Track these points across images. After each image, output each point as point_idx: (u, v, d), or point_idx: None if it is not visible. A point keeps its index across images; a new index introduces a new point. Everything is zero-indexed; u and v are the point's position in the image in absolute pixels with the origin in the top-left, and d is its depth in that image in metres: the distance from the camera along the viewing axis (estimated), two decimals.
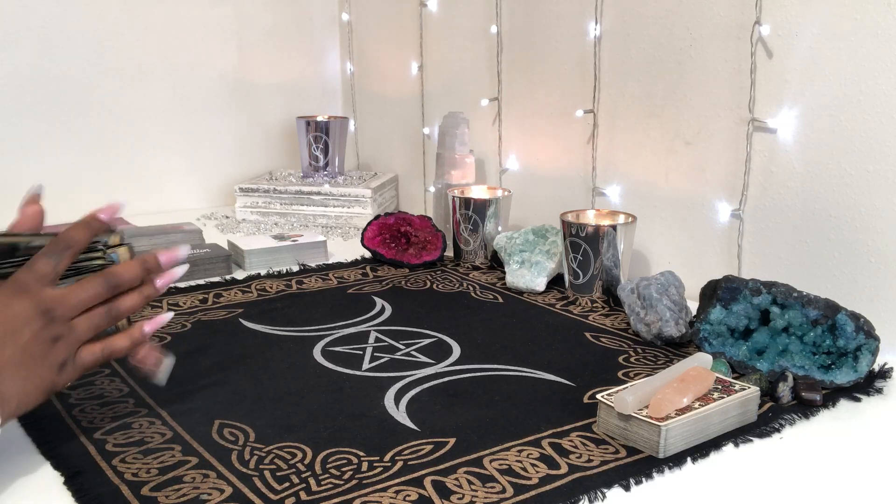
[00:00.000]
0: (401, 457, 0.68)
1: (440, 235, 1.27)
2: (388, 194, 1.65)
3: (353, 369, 0.87)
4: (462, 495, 0.63)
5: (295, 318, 1.03)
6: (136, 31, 1.58)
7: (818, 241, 0.97)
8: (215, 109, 1.70)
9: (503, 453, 0.69)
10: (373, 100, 1.76)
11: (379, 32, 1.71)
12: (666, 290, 0.95)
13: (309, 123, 1.64)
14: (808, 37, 0.95)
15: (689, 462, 0.68)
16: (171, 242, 1.30)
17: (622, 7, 1.17)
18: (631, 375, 0.86)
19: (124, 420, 0.75)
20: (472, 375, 0.86)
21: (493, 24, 1.38)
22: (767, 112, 1.00)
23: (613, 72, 1.20)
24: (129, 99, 1.58)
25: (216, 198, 1.73)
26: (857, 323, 0.81)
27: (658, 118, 1.15)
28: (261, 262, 1.25)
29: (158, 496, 0.62)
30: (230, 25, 1.69)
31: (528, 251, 1.16)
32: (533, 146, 1.36)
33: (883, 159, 0.90)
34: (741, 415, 0.74)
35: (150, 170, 1.63)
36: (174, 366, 0.88)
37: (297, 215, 1.55)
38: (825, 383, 0.81)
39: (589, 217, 1.14)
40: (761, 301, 0.85)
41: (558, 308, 1.07)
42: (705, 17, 1.06)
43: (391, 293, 1.14)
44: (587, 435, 0.72)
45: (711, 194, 1.09)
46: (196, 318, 1.03)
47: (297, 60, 1.79)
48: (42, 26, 1.49)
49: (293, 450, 0.70)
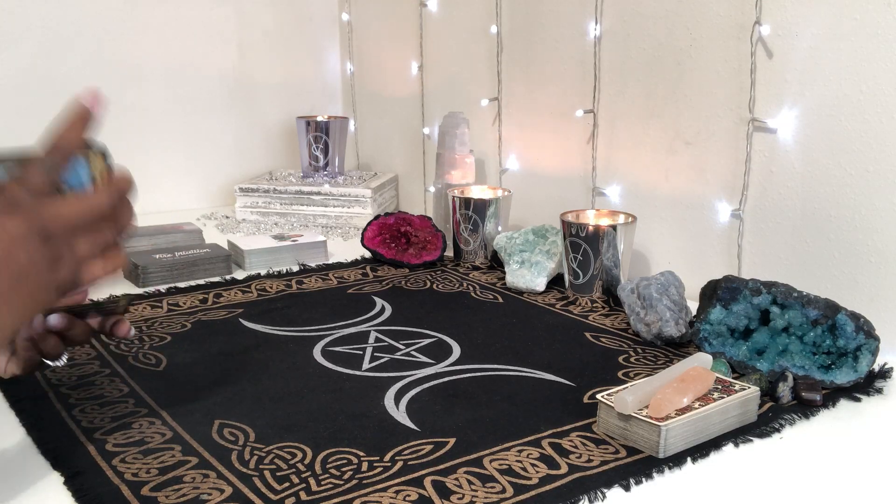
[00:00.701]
0: (401, 457, 0.68)
1: (440, 235, 1.27)
2: (388, 194, 1.65)
3: (353, 369, 0.87)
4: (462, 495, 0.63)
5: (295, 318, 1.03)
6: (136, 31, 1.58)
7: (818, 241, 0.97)
8: (215, 109, 1.70)
9: (503, 453, 0.69)
10: (373, 100, 1.76)
11: (379, 32, 1.71)
12: (666, 290, 0.95)
13: (309, 123, 1.64)
14: (808, 37, 0.95)
15: (689, 462, 0.68)
16: (171, 242, 1.30)
17: (622, 7, 1.17)
18: (631, 375, 0.86)
19: (124, 420, 0.75)
20: (472, 375, 0.86)
21: (493, 24, 1.38)
22: (767, 112, 1.00)
23: (613, 72, 1.20)
24: (129, 99, 1.58)
25: (216, 198, 1.73)
26: (857, 323, 0.81)
27: (658, 118, 1.15)
28: (261, 262, 1.25)
29: (158, 496, 0.62)
30: (230, 25, 1.69)
31: (528, 251, 1.16)
32: (533, 146, 1.36)
33: (883, 159, 0.90)
34: (741, 415, 0.74)
35: (149, 170, 1.63)
36: (174, 366, 0.88)
37: (297, 215, 1.55)
38: (825, 383, 0.81)
39: (589, 217, 1.14)
40: (761, 301, 0.85)
41: (558, 308, 1.07)
42: (705, 17, 1.06)
43: (391, 293, 1.14)
44: (587, 435, 0.72)
45: (711, 194, 1.09)
46: (196, 318, 1.03)
47: (297, 60, 1.79)
48: (42, 26, 1.49)
49: (293, 450, 0.70)
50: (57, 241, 0.56)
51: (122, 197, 0.61)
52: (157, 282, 1.16)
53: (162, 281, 1.16)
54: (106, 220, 0.60)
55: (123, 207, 0.61)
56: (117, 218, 0.60)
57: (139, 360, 0.89)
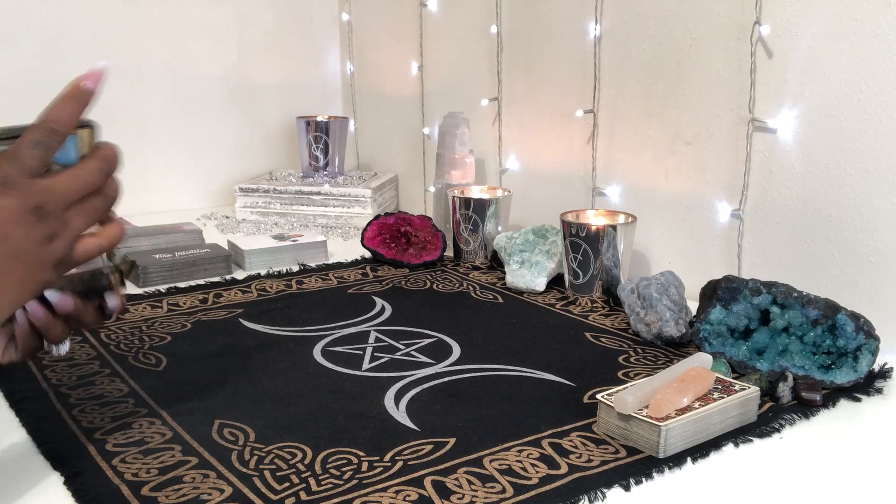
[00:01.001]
0: (401, 457, 0.68)
1: (440, 235, 1.27)
2: (388, 194, 1.65)
3: (353, 369, 0.87)
4: (462, 495, 0.63)
5: (295, 318, 1.03)
6: (136, 31, 1.58)
7: (818, 241, 0.97)
8: (215, 109, 1.70)
9: (503, 453, 0.69)
10: (373, 100, 1.76)
11: (379, 32, 1.71)
12: (666, 290, 0.95)
13: (309, 123, 1.64)
14: (808, 37, 0.95)
15: (689, 462, 0.68)
16: (171, 242, 1.30)
17: (622, 7, 1.17)
18: (631, 375, 0.86)
19: (124, 420, 0.75)
20: (472, 375, 0.86)
21: (493, 24, 1.38)
22: (767, 112, 1.00)
23: (613, 72, 1.20)
24: (129, 99, 1.58)
25: (216, 198, 1.73)
26: (857, 323, 0.81)
27: (658, 118, 1.15)
28: (261, 262, 1.25)
29: (158, 496, 0.62)
30: (230, 25, 1.69)
31: (528, 251, 1.16)
32: (533, 146, 1.36)
33: (883, 159, 0.90)
34: (741, 415, 0.74)
35: (149, 170, 1.63)
36: (174, 366, 0.88)
37: (297, 215, 1.55)
38: (825, 383, 0.81)
39: (589, 217, 1.14)
40: (761, 301, 0.85)
41: (558, 308, 1.07)
42: (705, 17, 1.06)
43: (391, 293, 1.14)
44: (587, 435, 0.72)
45: (711, 194, 1.09)
46: (196, 318, 1.03)
47: (297, 60, 1.79)
48: (42, 26, 1.49)
49: (293, 450, 0.70)
50: (50, 217, 0.56)
51: (111, 171, 0.61)
52: (157, 282, 1.16)
53: (162, 281, 1.16)
54: (96, 195, 0.60)
55: (111, 181, 0.61)
56: (106, 192, 0.61)
57: (139, 360, 0.89)
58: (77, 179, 0.58)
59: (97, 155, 0.60)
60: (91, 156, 0.60)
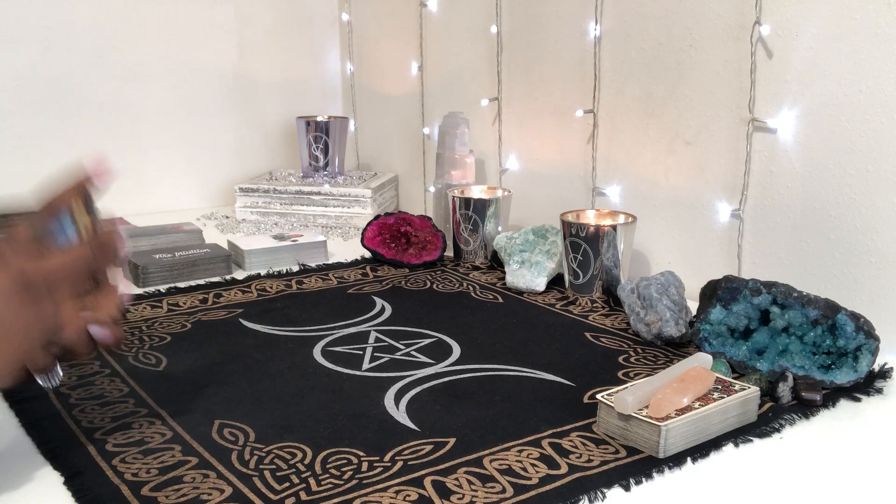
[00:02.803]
0: (401, 457, 0.68)
1: (440, 235, 1.27)
2: (388, 194, 1.65)
3: (353, 369, 0.87)
4: (462, 495, 0.63)
5: (295, 318, 1.03)
6: (136, 31, 1.58)
7: (818, 241, 0.97)
8: (215, 109, 1.70)
9: (503, 453, 0.69)
10: (373, 100, 1.76)
11: (379, 32, 1.71)
12: (666, 290, 0.95)
13: (309, 123, 1.64)
14: (808, 37, 0.95)
15: (689, 462, 0.68)
16: (171, 242, 1.30)
17: (622, 7, 1.17)
18: (631, 375, 0.86)
19: (124, 420, 0.75)
20: (472, 375, 0.86)
21: (493, 24, 1.38)
22: (767, 112, 1.00)
23: (613, 72, 1.20)
24: (129, 99, 1.58)
25: (216, 198, 1.73)
26: (857, 323, 0.81)
27: (658, 118, 1.15)
28: (261, 262, 1.25)
29: (158, 496, 0.62)
30: (230, 25, 1.69)
31: (528, 251, 1.16)
32: (533, 146, 1.36)
33: (883, 159, 0.90)
34: (741, 415, 0.74)
35: (149, 170, 1.63)
36: (174, 366, 0.88)
37: (297, 215, 1.55)
38: (825, 383, 0.81)
39: (589, 217, 1.14)
40: (761, 301, 0.85)
41: (558, 308, 1.07)
42: (705, 17, 1.06)
43: (391, 293, 1.14)
44: (587, 435, 0.72)
45: (711, 194, 1.09)
46: (196, 318, 1.03)
47: (297, 60, 1.79)
48: (42, 26, 1.49)
49: (293, 450, 0.70)
50: (37, 291, 0.60)
51: (105, 248, 0.64)
52: (157, 282, 1.16)
53: (162, 281, 1.16)
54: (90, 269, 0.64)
55: (107, 254, 0.65)
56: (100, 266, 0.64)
57: (139, 360, 0.89)
58: (67, 258, 0.62)
59: (91, 233, 0.64)
60: (85, 234, 0.64)
